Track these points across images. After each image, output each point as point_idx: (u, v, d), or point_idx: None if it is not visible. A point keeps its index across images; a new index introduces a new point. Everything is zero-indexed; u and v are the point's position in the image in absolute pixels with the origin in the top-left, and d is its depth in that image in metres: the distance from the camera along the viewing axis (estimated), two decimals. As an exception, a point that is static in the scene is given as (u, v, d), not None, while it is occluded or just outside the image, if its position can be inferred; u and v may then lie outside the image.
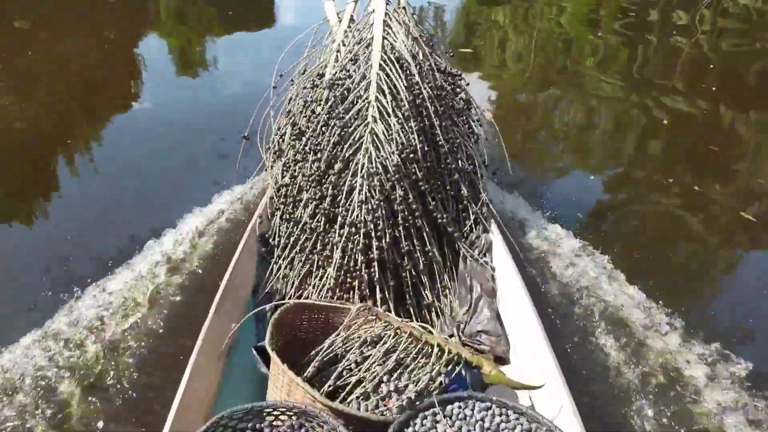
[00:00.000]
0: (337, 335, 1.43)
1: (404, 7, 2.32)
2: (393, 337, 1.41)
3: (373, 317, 1.44)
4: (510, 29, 5.83)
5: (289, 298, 1.80)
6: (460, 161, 2.02)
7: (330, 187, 1.82)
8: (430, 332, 1.44)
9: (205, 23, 5.48)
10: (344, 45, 2.22)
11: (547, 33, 5.83)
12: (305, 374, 1.35)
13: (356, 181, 1.78)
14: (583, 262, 2.33)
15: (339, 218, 1.78)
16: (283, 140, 2.20)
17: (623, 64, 5.06)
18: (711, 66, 4.98)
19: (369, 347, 1.41)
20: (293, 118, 2.15)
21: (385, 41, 2.04)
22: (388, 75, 1.94)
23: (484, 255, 1.90)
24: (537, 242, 2.39)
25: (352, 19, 2.37)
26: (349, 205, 1.77)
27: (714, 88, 4.41)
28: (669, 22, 6.25)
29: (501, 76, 4.75)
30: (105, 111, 3.57)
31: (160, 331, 1.98)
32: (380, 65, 1.96)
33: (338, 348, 1.41)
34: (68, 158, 3.06)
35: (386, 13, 2.12)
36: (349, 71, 2.03)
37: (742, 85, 4.69)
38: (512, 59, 5.17)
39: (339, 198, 1.81)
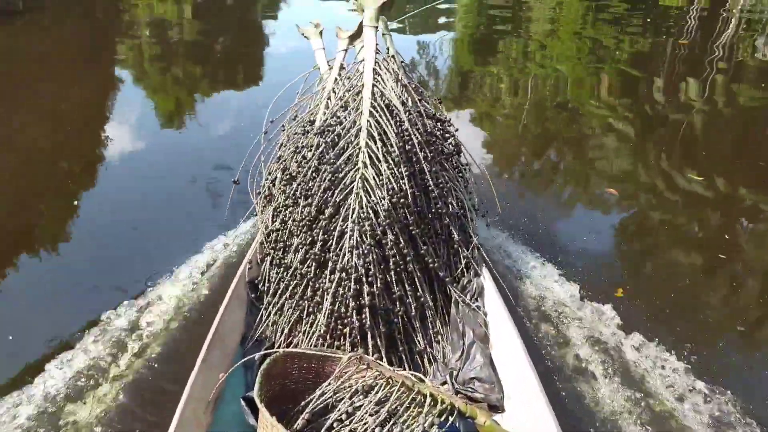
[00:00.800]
0: (328, 385, 1.40)
1: (393, 56, 2.37)
2: (385, 387, 1.38)
3: (365, 366, 1.42)
4: (505, 76, 5.76)
5: (279, 346, 1.77)
6: (450, 205, 2.04)
7: (320, 232, 1.82)
8: (423, 381, 1.42)
9: (189, 79, 5.41)
10: (335, 92, 2.26)
11: (543, 78, 5.73)
12: (295, 426, 1.31)
13: (347, 226, 1.78)
14: (582, 310, 2.25)
15: (330, 263, 1.77)
16: (274, 185, 2.21)
17: (628, 102, 4.95)
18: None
19: (360, 397, 1.38)
20: (284, 163, 2.16)
21: (375, 88, 2.08)
22: (378, 121, 1.97)
23: (476, 299, 1.89)
24: (529, 287, 2.37)
25: (342, 67, 2.42)
26: (340, 250, 1.77)
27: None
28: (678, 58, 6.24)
29: (493, 119, 4.72)
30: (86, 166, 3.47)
31: (149, 378, 1.91)
32: (370, 112, 2.00)
33: (329, 398, 1.38)
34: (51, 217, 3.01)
35: (376, 62, 2.17)
36: (339, 118, 2.06)
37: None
38: (506, 103, 5.04)
39: (330, 243, 1.80)
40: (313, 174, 1.93)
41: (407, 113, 2.04)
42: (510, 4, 10.29)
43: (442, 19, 8.55)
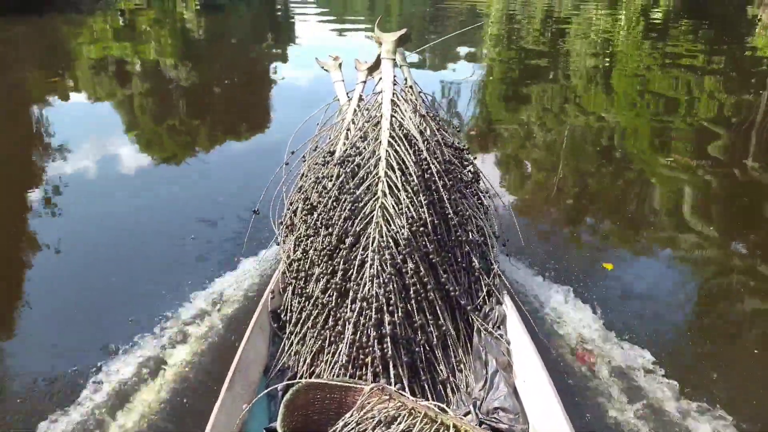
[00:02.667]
0: (351, 416, 1.39)
1: (411, 86, 2.42)
2: (408, 418, 1.38)
3: (387, 396, 1.41)
4: (536, 124, 5.08)
5: (302, 376, 1.77)
6: (470, 233, 2.04)
7: (341, 262, 1.83)
8: (446, 411, 1.40)
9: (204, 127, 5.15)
10: (354, 123, 2.31)
11: (583, 126, 5.07)
12: (318, 458, 1.31)
13: (367, 255, 1.80)
14: (608, 343, 2.16)
15: (351, 293, 1.78)
16: (295, 215, 2.24)
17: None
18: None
19: (383, 428, 1.37)
20: (305, 193, 2.20)
21: (393, 119, 2.12)
22: (396, 151, 2.00)
23: (498, 328, 1.88)
24: (551, 314, 2.33)
25: (361, 99, 2.47)
26: (361, 279, 1.78)
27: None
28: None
29: (522, 164, 4.28)
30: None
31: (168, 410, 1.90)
32: (389, 142, 2.03)
33: (352, 429, 1.37)
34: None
35: (394, 93, 2.21)
36: (359, 148, 2.09)
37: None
38: (539, 149, 4.48)
39: (350, 272, 1.82)
40: (334, 204, 1.96)
41: (425, 142, 2.07)
42: (546, 37, 9.91)
43: (463, 50, 8.36)
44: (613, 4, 15.50)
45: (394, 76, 2.30)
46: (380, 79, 2.37)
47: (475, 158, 2.42)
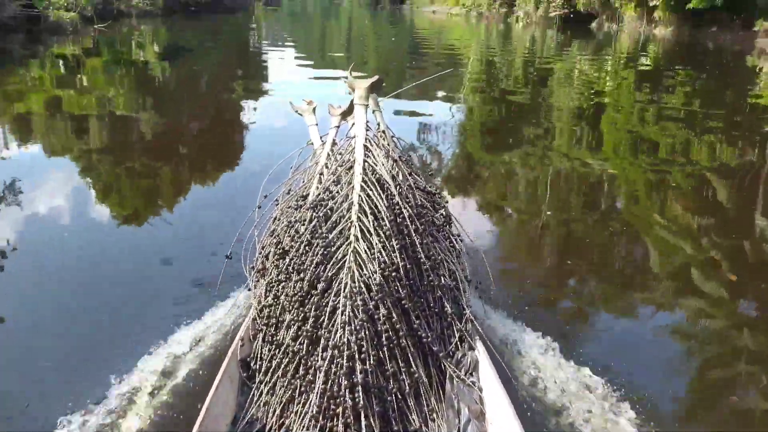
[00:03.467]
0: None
1: (384, 131, 2.46)
2: (379, 472, 1.34)
3: (358, 449, 1.37)
4: (519, 166, 5.04)
5: (271, 428, 1.72)
6: (442, 277, 2.04)
7: (313, 308, 1.81)
8: (418, 464, 1.37)
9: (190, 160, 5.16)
10: (327, 167, 2.32)
11: (570, 172, 4.96)
12: None
13: (339, 301, 1.78)
14: (581, 390, 2.06)
15: (322, 340, 1.75)
16: (267, 259, 2.22)
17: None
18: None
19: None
20: (277, 237, 2.19)
21: (366, 163, 2.14)
22: (369, 195, 2.01)
23: (471, 374, 1.86)
24: (524, 361, 2.30)
25: (334, 143, 2.49)
26: (332, 326, 1.75)
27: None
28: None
29: (502, 210, 4.16)
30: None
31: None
32: (362, 186, 2.05)
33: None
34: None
35: (366, 138, 2.24)
36: (332, 192, 2.10)
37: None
38: (520, 195, 4.39)
39: (322, 319, 1.79)
40: (306, 248, 1.94)
41: (398, 187, 2.09)
42: (528, 83, 9.68)
43: (441, 93, 8.42)
44: (598, 51, 15.56)
45: (367, 122, 2.34)
46: (353, 124, 2.40)
47: (447, 202, 2.44)
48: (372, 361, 1.70)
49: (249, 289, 2.32)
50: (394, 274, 1.84)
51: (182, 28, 21.08)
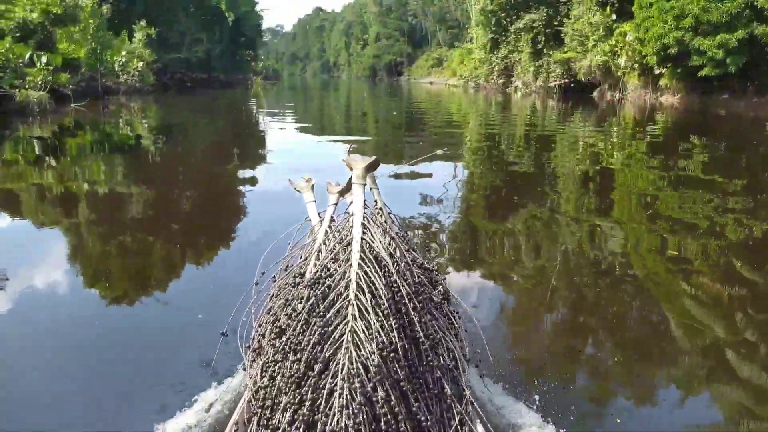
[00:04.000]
0: None
1: (381, 208, 2.50)
2: None
3: None
4: (523, 233, 4.79)
5: None
6: (441, 357, 2.01)
7: (310, 391, 1.77)
8: None
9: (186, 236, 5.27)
10: (325, 244, 2.35)
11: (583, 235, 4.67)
12: None
13: (336, 384, 1.74)
14: None
15: (319, 425, 1.70)
16: (264, 338, 2.19)
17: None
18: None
19: None
20: (274, 315, 2.17)
21: (363, 241, 2.17)
22: (367, 273, 2.02)
23: (472, 460, 1.80)
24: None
25: (332, 220, 2.53)
26: (329, 409, 1.71)
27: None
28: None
29: (509, 280, 3.92)
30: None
31: None
32: (359, 264, 2.06)
33: None
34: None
35: (364, 216, 2.28)
36: (329, 270, 2.11)
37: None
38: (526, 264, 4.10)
39: (319, 402, 1.75)
40: (303, 327, 1.93)
41: (395, 264, 2.10)
42: (530, 151, 9.41)
43: (439, 162, 8.46)
44: (602, 120, 15.17)
45: (365, 200, 2.38)
46: (351, 201, 2.45)
47: (444, 278, 2.45)
48: None
49: (244, 369, 2.27)
50: (392, 354, 1.81)
51: (177, 104, 21.30)
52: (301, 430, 1.73)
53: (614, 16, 22.92)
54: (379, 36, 78.97)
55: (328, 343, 1.84)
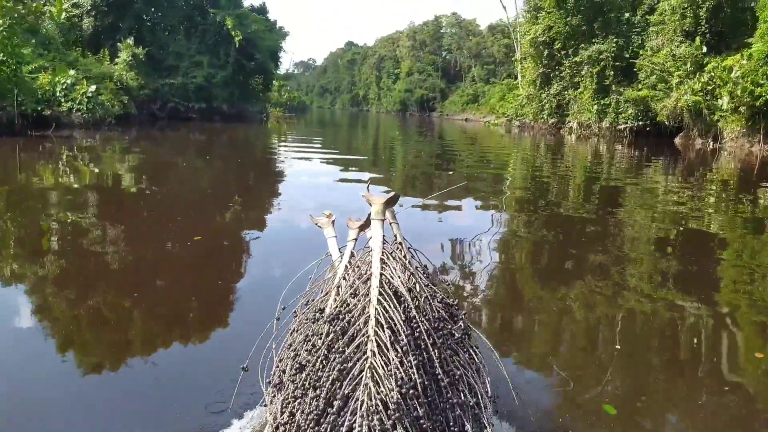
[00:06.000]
0: None
1: (400, 243, 2.51)
2: None
3: None
4: (579, 307, 3.99)
5: None
6: (462, 393, 1.99)
7: (329, 428, 1.76)
8: None
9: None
10: (345, 279, 2.36)
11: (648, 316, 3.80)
12: None
13: (355, 421, 1.73)
14: None
15: None
16: (284, 373, 2.19)
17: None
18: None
19: None
20: (295, 350, 2.18)
21: (383, 276, 2.17)
22: (386, 309, 2.02)
23: (495, 501, 1.75)
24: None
25: (352, 255, 2.55)
26: None
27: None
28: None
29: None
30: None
31: None
32: (378, 300, 2.06)
33: None
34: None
35: (383, 251, 2.29)
36: (349, 305, 2.12)
37: None
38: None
39: None
40: (323, 363, 1.93)
41: (414, 300, 2.10)
42: (590, 204, 8.11)
43: (477, 204, 7.79)
44: (690, 174, 12.50)
45: (384, 235, 2.40)
46: (371, 237, 2.47)
47: (465, 314, 2.43)
48: None
49: (264, 405, 2.27)
50: (411, 391, 1.80)
51: (148, 144, 16.72)
52: None
53: (704, 49, 19.49)
54: (411, 70, 77.67)
55: (347, 379, 1.84)
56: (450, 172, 10.68)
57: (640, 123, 22.73)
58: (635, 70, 22.61)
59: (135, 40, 24.57)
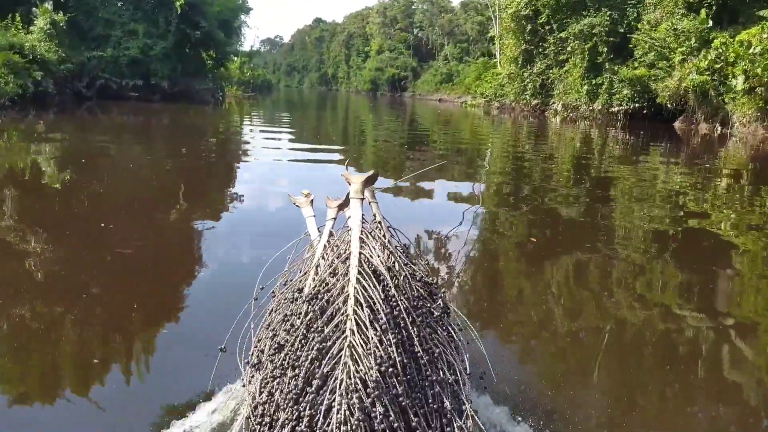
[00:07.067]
0: None
1: (380, 222, 2.50)
2: None
3: None
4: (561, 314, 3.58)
5: None
6: (441, 371, 2.00)
7: (308, 407, 1.75)
8: None
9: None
10: (324, 259, 2.34)
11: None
12: None
13: (334, 399, 1.73)
14: None
15: None
16: (263, 353, 2.18)
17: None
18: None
19: None
20: (273, 330, 2.16)
21: (362, 255, 2.16)
22: (365, 288, 2.01)
23: (473, 476, 1.77)
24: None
25: (331, 234, 2.53)
26: (327, 426, 1.69)
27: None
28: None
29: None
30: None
31: None
32: (357, 279, 2.05)
33: None
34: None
35: (362, 230, 2.27)
36: (328, 284, 2.10)
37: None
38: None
39: (317, 418, 1.73)
40: (302, 342, 1.92)
41: (394, 278, 2.09)
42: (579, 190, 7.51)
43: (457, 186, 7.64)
44: (693, 162, 11.16)
45: (363, 214, 2.38)
46: (350, 216, 2.45)
47: (444, 291, 2.43)
48: None
49: (243, 386, 2.26)
50: (390, 369, 1.80)
51: (80, 127, 14.16)
52: None
53: (710, 23, 16.81)
54: (381, 48, 73.83)
55: (327, 358, 1.83)
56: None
57: (637, 105, 20.14)
58: (630, 46, 20.24)
59: (54, 4, 20.58)
